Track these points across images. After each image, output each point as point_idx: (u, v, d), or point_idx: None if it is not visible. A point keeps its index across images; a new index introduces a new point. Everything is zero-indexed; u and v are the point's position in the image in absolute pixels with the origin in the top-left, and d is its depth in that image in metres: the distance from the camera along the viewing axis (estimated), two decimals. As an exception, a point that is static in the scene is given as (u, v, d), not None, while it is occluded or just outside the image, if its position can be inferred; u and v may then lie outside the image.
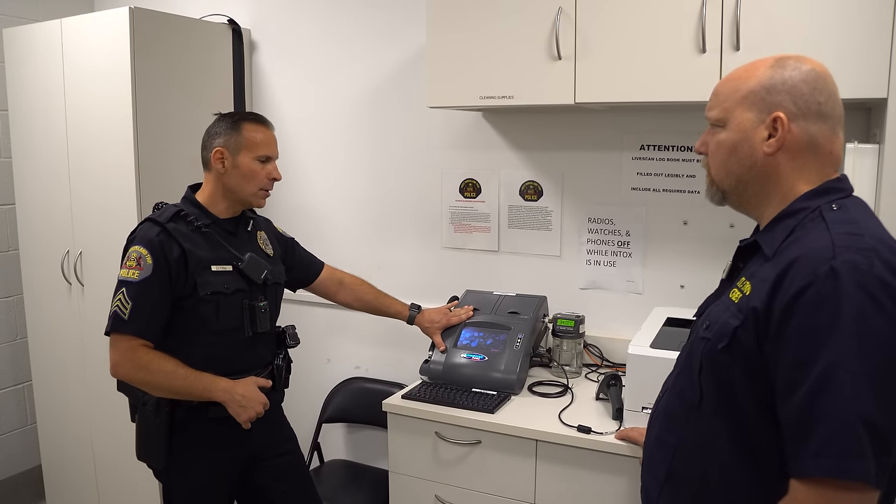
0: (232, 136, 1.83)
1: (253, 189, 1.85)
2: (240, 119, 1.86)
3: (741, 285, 1.13)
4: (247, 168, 1.82)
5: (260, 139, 1.84)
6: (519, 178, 2.51)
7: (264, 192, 1.88)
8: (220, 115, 1.89)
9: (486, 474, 2.01)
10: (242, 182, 1.83)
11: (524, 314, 2.29)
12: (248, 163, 1.82)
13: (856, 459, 0.94)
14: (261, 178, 1.84)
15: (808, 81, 1.12)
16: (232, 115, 1.88)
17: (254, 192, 1.85)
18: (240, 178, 1.83)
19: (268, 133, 1.88)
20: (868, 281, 0.97)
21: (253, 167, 1.83)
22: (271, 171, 1.87)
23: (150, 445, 1.78)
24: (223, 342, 1.81)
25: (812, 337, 0.98)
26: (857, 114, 2.04)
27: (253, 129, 1.84)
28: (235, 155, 1.82)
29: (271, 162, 1.87)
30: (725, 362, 1.10)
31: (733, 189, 1.20)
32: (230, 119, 1.86)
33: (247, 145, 1.82)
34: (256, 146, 1.83)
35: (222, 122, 1.85)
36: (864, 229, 1.05)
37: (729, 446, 1.11)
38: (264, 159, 1.85)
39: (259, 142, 1.84)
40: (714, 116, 1.19)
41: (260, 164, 1.84)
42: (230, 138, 1.82)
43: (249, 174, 1.83)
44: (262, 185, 1.86)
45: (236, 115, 1.89)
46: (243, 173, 1.83)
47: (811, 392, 0.97)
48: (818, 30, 1.74)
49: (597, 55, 1.97)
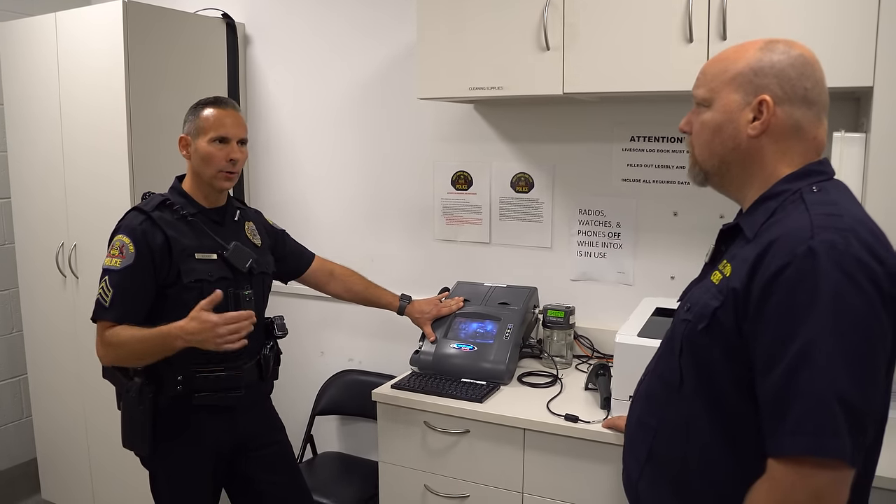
0: (193, 121, 1.84)
1: (212, 171, 1.82)
2: (202, 104, 1.85)
3: (722, 267, 1.13)
4: (204, 151, 1.81)
5: (215, 120, 1.81)
6: (510, 170, 2.52)
7: (224, 174, 1.83)
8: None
9: (474, 463, 2.01)
10: (203, 165, 1.82)
11: (514, 305, 2.30)
12: (204, 146, 1.81)
13: (832, 437, 0.94)
14: (218, 160, 1.81)
15: (795, 66, 1.12)
16: (197, 102, 1.87)
17: (213, 174, 1.82)
18: (199, 161, 1.82)
19: (224, 113, 1.83)
20: (845, 260, 0.98)
21: (209, 149, 1.80)
22: (229, 152, 1.82)
23: (135, 432, 1.78)
24: None
25: (790, 316, 0.98)
26: (847, 103, 2.04)
27: (210, 111, 1.83)
28: (196, 139, 1.82)
29: (230, 143, 1.82)
30: (705, 343, 1.10)
31: (716, 170, 1.20)
32: (195, 105, 1.86)
33: (203, 128, 1.81)
34: (211, 128, 1.81)
35: (190, 110, 1.87)
36: (844, 210, 1.05)
37: (709, 427, 1.12)
38: (220, 140, 1.81)
39: (213, 123, 1.81)
40: (700, 95, 1.19)
41: (217, 145, 1.81)
42: (192, 124, 1.84)
43: (206, 157, 1.81)
44: (220, 167, 1.82)
45: (201, 101, 1.87)
46: (201, 156, 1.82)
47: (788, 370, 0.97)
48: (804, 18, 1.74)
49: (585, 46, 1.98)
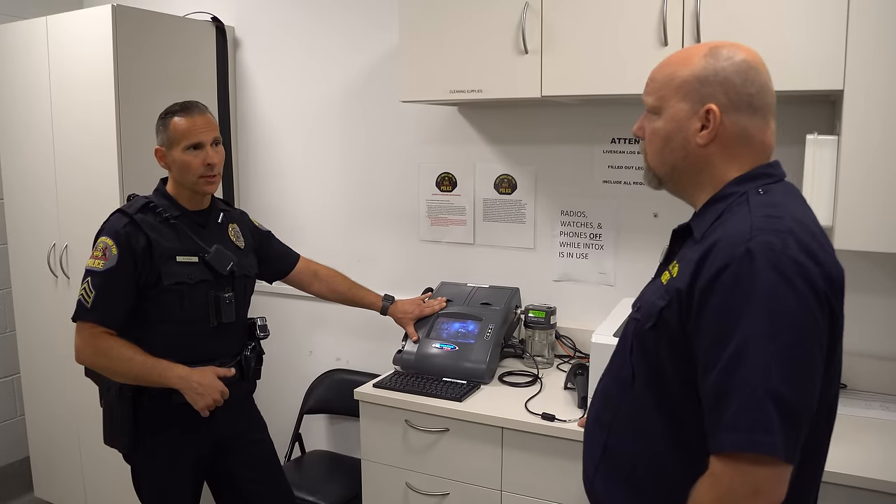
0: (164, 132, 1.84)
1: (192, 178, 1.84)
2: (169, 113, 1.85)
3: (671, 268, 1.16)
4: (180, 161, 1.83)
5: (183, 129, 1.82)
6: (493, 171, 2.55)
7: (205, 178, 1.85)
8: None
9: (454, 461, 2.04)
10: (183, 174, 1.84)
11: (496, 305, 2.32)
12: (180, 156, 1.82)
13: (763, 433, 0.96)
14: (196, 167, 1.82)
15: (740, 72, 1.13)
16: (164, 112, 1.87)
17: (194, 181, 1.84)
18: (178, 170, 1.84)
19: (193, 120, 1.83)
20: (780, 261, 1.00)
21: (185, 158, 1.82)
22: (205, 157, 1.83)
23: (116, 430, 1.82)
24: (187, 331, 1.84)
25: (728, 316, 1.01)
26: (822, 106, 2.06)
27: (177, 120, 1.83)
28: (170, 150, 1.84)
29: (203, 148, 1.83)
30: (653, 342, 1.13)
31: (668, 176, 1.23)
32: (163, 115, 1.87)
33: (174, 138, 1.82)
34: (182, 136, 1.82)
35: (158, 120, 1.87)
36: (784, 212, 1.07)
37: (659, 423, 1.14)
38: (194, 147, 1.82)
39: (183, 132, 1.82)
40: (650, 103, 1.22)
41: (191, 153, 1.82)
42: (164, 135, 1.85)
43: (183, 166, 1.83)
44: (199, 174, 1.83)
45: (167, 110, 1.87)
46: (178, 166, 1.83)
47: (725, 369, 1.00)
48: (776, 22, 1.77)
49: (562, 49, 2.00)
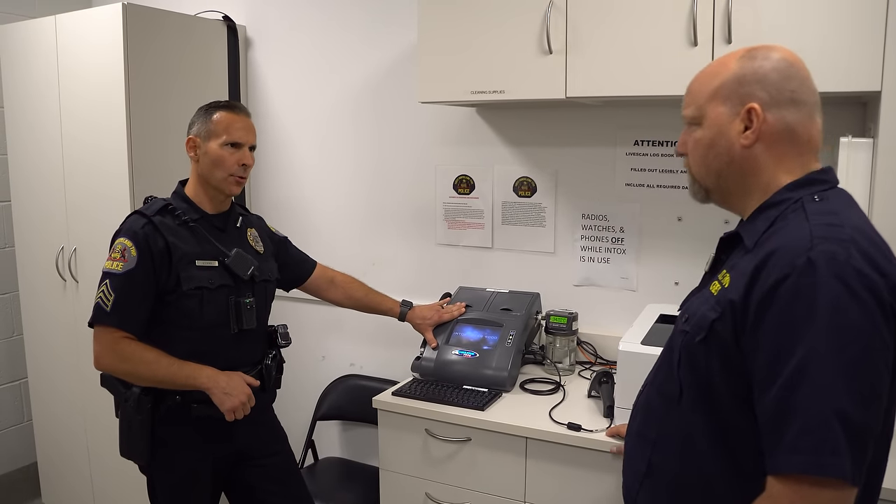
0: (204, 124, 1.82)
1: (222, 175, 1.81)
2: (213, 107, 1.84)
3: (721, 277, 1.11)
4: (215, 154, 1.80)
5: (227, 124, 1.81)
6: (513, 174, 2.50)
7: (235, 178, 1.82)
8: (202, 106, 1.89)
9: (476, 472, 1.99)
10: (212, 168, 1.81)
11: (517, 311, 2.28)
12: (216, 149, 1.80)
13: (831, 455, 0.92)
14: (229, 164, 1.80)
15: (778, 70, 1.11)
16: (208, 105, 1.86)
17: (223, 177, 1.81)
18: (209, 164, 1.81)
19: (238, 119, 1.83)
20: (845, 272, 0.95)
21: (221, 153, 1.80)
22: (241, 157, 1.82)
23: (133, 442, 1.77)
24: (208, 338, 1.79)
25: (788, 330, 0.96)
26: (854, 108, 2.01)
27: (222, 115, 1.82)
28: (206, 142, 1.81)
29: (241, 149, 1.82)
30: (703, 356, 1.08)
31: (715, 185, 1.19)
32: (205, 108, 1.85)
33: (215, 131, 1.80)
34: (224, 131, 1.80)
35: (198, 112, 1.85)
36: (844, 220, 1.03)
37: (708, 441, 1.09)
38: (233, 145, 1.81)
39: (226, 127, 1.80)
40: (689, 115, 1.19)
41: (229, 149, 1.80)
42: (202, 126, 1.82)
43: (218, 160, 1.80)
44: (231, 172, 1.81)
45: (212, 104, 1.87)
46: (212, 159, 1.80)
47: (786, 386, 0.95)
48: (810, 22, 1.72)
49: (588, 49, 1.95)
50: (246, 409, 1.76)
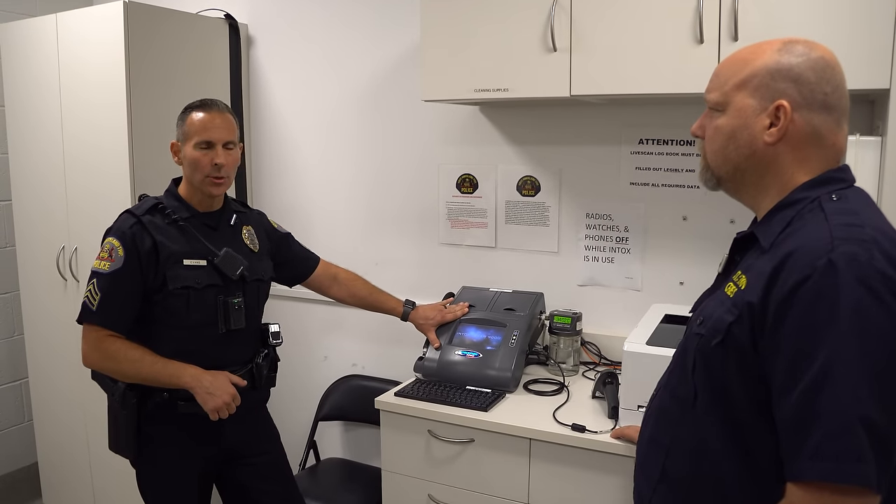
0: (180, 127, 1.80)
1: (199, 177, 1.78)
2: (188, 108, 1.81)
3: (737, 279, 1.08)
4: (190, 156, 1.77)
5: (200, 125, 1.77)
6: (516, 173, 2.48)
7: (211, 179, 1.78)
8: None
9: (479, 473, 1.97)
10: (191, 171, 1.79)
11: (520, 311, 2.26)
12: (191, 151, 1.77)
13: (855, 462, 0.89)
14: (203, 166, 1.76)
15: (815, 70, 1.06)
16: (185, 106, 1.83)
17: (201, 180, 1.78)
18: (188, 167, 1.79)
19: (209, 117, 1.78)
20: (868, 274, 0.92)
21: (194, 155, 1.77)
22: (213, 156, 1.77)
23: (119, 436, 1.78)
24: (195, 337, 1.78)
25: (810, 332, 0.93)
26: (861, 106, 1.99)
27: (194, 115, 1.78)
28: (184, 145, 1.79)
29: (214, 148, 1.78)
30: (719, 359, 1.05)
31: (730, 177, 1.15)
32: (182, 110, 1.82)
33: (188, 133, 1.78)
34: (195, 133, 1.77)
35: (179, 116, 1.83)
36: (865, 220, 1.00)
37: (723, 447, 1.07)
38: (205, 145, 1.77)
39: (199, 128, 1.77)
40: (713, 100, 1.14)
41: (201, 151, 1.77)
42: (179, 129, 1.81)
43: (193, 162, 1.77)
44: (206, 173, 1.77)
45: (188, 105, 1.83)
46: (188, 162, 1.78)
47: (807, 391, 0.92)
48: (818, 18, 1.70)
49: (592, 47, 1.93)
50: (231, 409, 1.74)
